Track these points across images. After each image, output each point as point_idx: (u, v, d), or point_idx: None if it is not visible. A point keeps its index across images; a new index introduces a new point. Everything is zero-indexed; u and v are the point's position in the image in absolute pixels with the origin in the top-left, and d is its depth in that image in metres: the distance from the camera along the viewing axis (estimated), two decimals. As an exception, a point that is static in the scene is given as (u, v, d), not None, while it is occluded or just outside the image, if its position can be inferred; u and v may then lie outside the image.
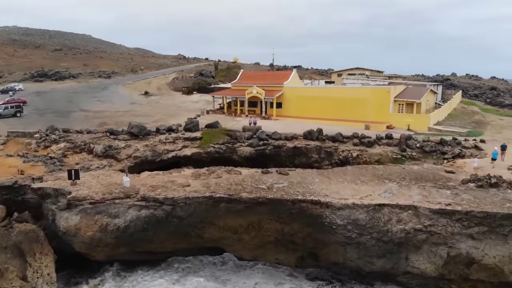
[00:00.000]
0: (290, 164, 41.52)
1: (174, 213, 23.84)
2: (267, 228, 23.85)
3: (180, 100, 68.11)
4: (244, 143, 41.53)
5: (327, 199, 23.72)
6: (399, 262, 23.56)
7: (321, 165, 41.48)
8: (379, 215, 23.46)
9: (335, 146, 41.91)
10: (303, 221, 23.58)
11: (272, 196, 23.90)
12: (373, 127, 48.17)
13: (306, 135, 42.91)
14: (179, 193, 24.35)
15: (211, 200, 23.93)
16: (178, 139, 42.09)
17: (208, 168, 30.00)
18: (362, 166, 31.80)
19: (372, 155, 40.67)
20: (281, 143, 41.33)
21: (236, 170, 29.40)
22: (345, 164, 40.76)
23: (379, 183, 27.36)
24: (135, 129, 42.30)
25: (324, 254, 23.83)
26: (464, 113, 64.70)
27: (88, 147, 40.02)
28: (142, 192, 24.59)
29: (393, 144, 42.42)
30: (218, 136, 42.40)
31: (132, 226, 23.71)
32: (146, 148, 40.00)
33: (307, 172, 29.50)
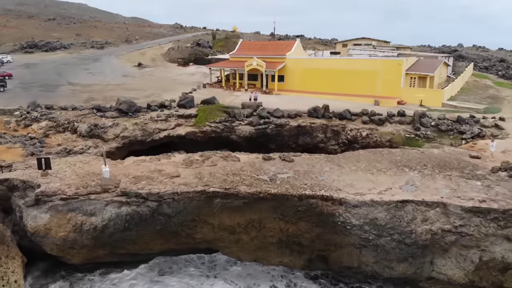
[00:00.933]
0: (293, 144, 37.54)
1: (160, 211, 20.02)
2: (269, 228, 20.08)
3: (175, 73, 63.33)
4: (243, 122, 37.33)
5: (340, 194, 19.84)
6: (423, 267, 19.96)
7: (327, 146, 37.50)
8: (402, 213, 19.64)
9: (343, 125, 37.75)
10: (311, 220, 19.79)
11: (275, 191, 20.01)
12: (383, 103, 43.85)
13: (311, 113, 38.66)
14: (166, 186, 20.44)
15: (203, 195, 20.05)
16: (171, 116, 37.86)
17: (202, 153, 25.96)
18: (376, 150, 27.75)
19: (383, 134, 36.58)
20: (283, 122, 37.13)
21: (233, 156, 25.39)
22: (353, 144, 36.80)
23: (398, 172, 23.41)
24: (124, 106, 38.01)
25: (336, 258, 20.18)
26: (477, 87, 60.06)
27: (72, 126, 35.88)
28: (123, 185, 20.67)
29: (405, 122, 38.25)
30: (215, 113, 38.15)
31: (111, 226, 19.94)
32: (136, 127, 35.84)
33: (314, 158, 25.48)
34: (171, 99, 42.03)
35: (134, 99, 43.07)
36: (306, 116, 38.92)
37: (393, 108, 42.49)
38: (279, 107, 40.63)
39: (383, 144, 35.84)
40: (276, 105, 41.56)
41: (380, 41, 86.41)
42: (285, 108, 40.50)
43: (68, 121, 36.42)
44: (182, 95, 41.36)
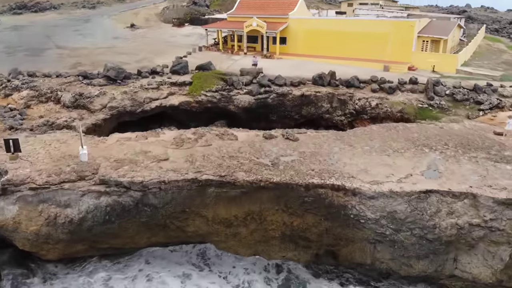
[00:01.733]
0: (296, 115, 34.17)
1: (146, 201, 17.10)
2: (271, 221, 17.25)
3: (169, 34, 58.65)
4: (242, 91, 33.75)
5: (353, 183, 16.84)
6: (445, 264, 17.31)
7: (333, 116, 34.17)
8: (424, 205, 16.73)
9: (350, 93, 34.18)
10: (320, 213, 16.92)
11: (278, 179, 16.99)
12: (393, 69, 39.99)
13: (316, 80, 34.99)
14: (152, 173, 17.39)
15: (195, 184, 17.05)
16: (163, 84, 34.19)
17: (195, 130, 22.69)
18: (390, 125, 24.47)
19: (393, 104, 33.13)
20: (286, 91, 33.56)
21: (230, 133, 22.16)
22: (361, 114, 33.45)
23: (418, 153, 20.30)
24: (112, 72, 34.25)
25: (347, 253, 17.48)
26: (490, 51, 55.70)
27: (55, 95, 32.38)
28: (103, 171, 17.62)
29: (418, 90, 34.63)
30: (211, 81, 34.48)
31: (89, 218, 17.10)
32: (125, 96, 32.29)
33: (321, 136, 22.26)
34: (163, 64, 38.15)
35: (124, 64, 39.23)
36: (311, 84, 35.27)
37: (403, 75, 38.74)
38: (281, 73, 36.89)
39: (394, 115, 32.53)
40: (278, 71, 37.79)
41: (388, 0, 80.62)
42: (287, 74, 36.78)
43: (51, 90, 32.79)
44: (175, 60, 37.51)
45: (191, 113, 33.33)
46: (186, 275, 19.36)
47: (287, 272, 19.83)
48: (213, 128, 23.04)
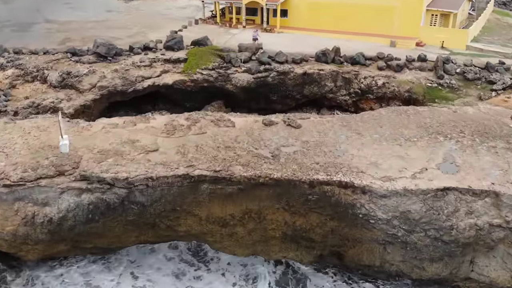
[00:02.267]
0: (298, 95, 31.91)
1: (132, 199, 15.27)
2: (271, 220, 15.47)
3: (165, 6, 55.22)
4: (240, 68, 31.34)
5: (363, 180, 14.95)
6: (461, 266, 15.66)
7: (337, 96, 31.94)
8: (441, 204, 14.90)
9: (355, 71, 31.81)
10: (325, 212, 15.12)
11: (279, 175, 15.09)
12: (400, 44, 37.32)
13: (319, 57, 32.49)
14: (139, 167, 15.46)
15: (186, 180, 15.16)
16: (157, 61, 31.70)
17: (188, 115, 20.54)
18: (400, 109, 22.28)
19: (401, 83, 30.85)
20: (287, 69, 31.14)
21: (227, 119, 20.04)
22: (367, 94, 31.24)
23: (432, 142, 18.30)
24: (102, 49, 31.71)
25: (353, 255, 15.78)
26: (499, 26, 52.47)
27: (42, 74, 30.02)
28: (84, 165, 15.69)
29: (427, 68, 32.23)
30: (207, 57, 31.98)
31: (71, 217, 15.31)
32: (115, 75, 29.92)
33: (326, 122, 20.15)
34: (157, 39, 35.47)
35: (116, 39, 36.55)
36: (313, 61, 32.78)
37: (411, 51, 36.16)
38: (281, 48, 34.31)
39: (401, 95, 30.33)
40: (278, 47, 35.18)
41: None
42: (288, 50, 34.22)
43: (38, 69, 30.35)
44: (169, 35, 34.84)
45: (186, 92, 31.09)
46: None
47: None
48: (208, 113, 20.91)
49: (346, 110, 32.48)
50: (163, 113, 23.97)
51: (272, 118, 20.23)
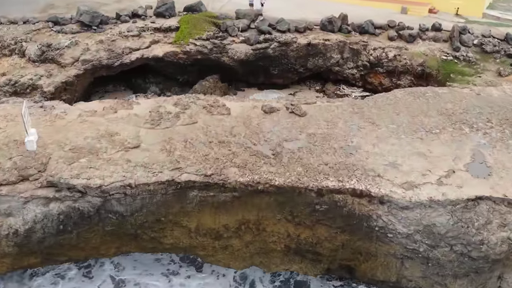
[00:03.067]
0: (301, 68, 28.61)
1: (109, 208, 12.77)
2: (272, 232, 12.99)
3: (158, -34, 50.40)
4: (237, 38, 27.85)
5: (381, 187, 12.34)
6: (487, 283, 13.40)
7: (343, 69, 28.69)
8: (471, 215, 12.42)
9: (364, 42, 28.37)
10: (335, 224, 12.63)
11: (281, 181, 12.47)
12: (411, 11, 33.54)
13: (325, 25, 28.89)
14: (116, 170, 12.80)
15: (171, 187, 12.57)
16: (146, 30, 28.10)
17: (177, 99, 17.52)
18: (416, 91, 19.20)
19: (414, 56, 27.53)
20: (289, 39, 27.64)
21: (222, 104, 17.08)
22: (376, 67, 28.00)
23: (456, 133, 15.51)
24: (86, 17, 27.99)
25: (366, 269, 13.46)
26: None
27: (20, 47, 26.57)
28: (52, 168, 13.00)
29: (442, 39, 28.78)
30: (201, 26, 28.38)
31: (39, 229, 12.86)
32: (100, 47, 26.44)
33: (335, 107, 17.18)
34: (147, 5, 31.56)
35: (102, 5, 32.67)
36: (318, 29, 29.22)
37: (424, 19, 32.48)
38: (282, 14, 30.60)
39: (414, 69, 27.12)
40: (280, 12, 31.46)
41: None
42: (291, 16, 30.52)
43: (16, 41, 26.87)
44: (160, 0, 30.98)
45: (179, 65, 27.78)
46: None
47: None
48: (200, 97, 17.87)
49: (353, 84, 29.40)
50: (149, 96, 20.80)
51: (273, 104, 17.25)
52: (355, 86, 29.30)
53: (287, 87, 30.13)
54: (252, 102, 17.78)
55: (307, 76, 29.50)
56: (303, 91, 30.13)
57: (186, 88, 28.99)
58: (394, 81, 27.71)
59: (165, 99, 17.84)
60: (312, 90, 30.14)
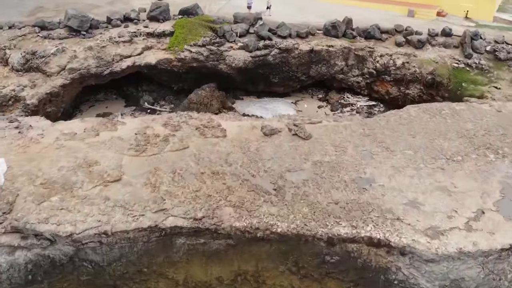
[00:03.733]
0: (303, 76, 26.51)
1: (83, 257, 10.78)
2: (273, 285, 10.97)
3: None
4: (236, 44, 25.73)
5: (402, 236, 10.27)
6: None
7: (348, 77, 26.59)
8: (504, 266, 10.43)
9: (370, 48, 26.25)
10: (348, 278, 10.57)
11: (284, 227, 10.45)
12: (419, 14, 31.37)
13: (328, 30, 26.73)
14: (91, 212, 10.75)
15: (154, 233, 10.58)
16: (138, 35, 25.92)
17: (167, 119, 15.48)
18: (432, 107, 17.04)
19: (423, 63, 25.44)
20: (290, 45, 25.51)
21: (216, 124, 14.97)
22: (383, 75, 25.91)
23: (481, 161, 13.42)
24: (74, 22, 25.76)
25: (381, 323, 11.56)
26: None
27: (3, 54, 24.43)
28: (19, 208, 10.98)
29: (452, 45, 26.67)
30: (197, 31, 26.21)
31: (4, 280, 10.88)
32: (89, 54, 24.31)
33: (343, 128, 15.09)
34: (140, 8, 29.37)
35: (93, 7, 30.54)
36: (321, 34, 27.04)
37: (432, 22, 30.36)
38: (283, 17, 28.52)
39: (424, 77, 25.03)
40: (281, 16, 29.36)
41: None
42: (292, 19, 28.39)
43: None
44: (154, 2, 28.75)
45: (173, 73, 25.68)
46: None
47: None
48: (192, 115, 15.78)
49: (358, 93, 27.31)
50: (136, 115, 18.49)
51: (274, 123, 15.18)
52: (360, 95, 27.22)
53: (288, 95, 28.07)
54: (250, 122, 15.70)
55: (309, 83, 27.42)
56: (305, 100, 28.05)
57: (182, 96, 26.90)
58: (402, 90, 25.63)
59: (154, 118, 15.74)
60: (315, 99, 28.06)
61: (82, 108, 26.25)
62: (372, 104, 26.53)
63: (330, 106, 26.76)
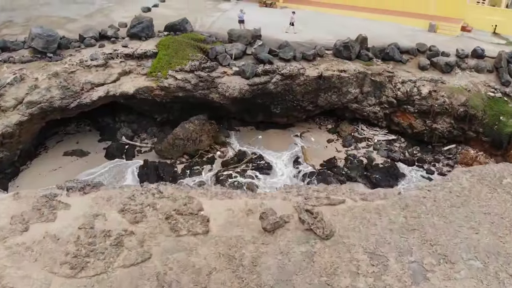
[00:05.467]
0: (310, 105, 21.55)
1: None
2: None
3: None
4: (230, 69, 20.77)
5: None
6: None
7: (363, 107, 21.68)
8: None
9: (389, 72, 21.30)
10: None
11: None
12: (441, 29, 26.30)
13: (340, 50, 21.70)
14: None
15: None
16: (114, 58, 20.86)
17: (128, 199, 10.57)
18: (488, 175, 12.06)
19: (453, 92, 20.51)
20: (295, 70, 20.52)
21: (196, 211, 10.15)
22: (405, 105, 21.02)
23: None
24: (39, 42, 20.61)
25: None
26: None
27: (-50, 81, 19.47)
28: None
29: (485, 69, 21.70)
30: (184, 52, 21.10)
31: None
32: (53, 82, 19.24)
33: (376, 215, 10.14)
34: (121, 23, 24.30)
35: (68, 21, 25.48)
36: (331, 55, 22.09)
37: (457, 39, 25.32)
38: (287, 35, 23.69)
39: (455, 109, 20.11)
40: (283, 32, 24.46)
41: None
42: (296, 38, 23.49)
43: None
44: (136, 17, 23.70)
45: (156, 102, 20.78)
46: None
47: None
48: (164, 191, 10.77)
49: (374, 124, 22.42)
50: (87, 189, 13.10)
51: (277, 203, 10.26)
52: (378, 127, 22.30)
53: (292, 125, 23.19)
54: (245, 201, 10.73)
55: (317, 113, 22.51)
56: (312, 131, 23.10)
57: (166, 128, 21.96)
58: (428, 124, 20.74)
59: (110, 196, 10.80)
60: (324, 130, 23.12)
61: (48, 144, 21.34)
62: (392, 139, 21.63)
63: (341, 140, 21.87)
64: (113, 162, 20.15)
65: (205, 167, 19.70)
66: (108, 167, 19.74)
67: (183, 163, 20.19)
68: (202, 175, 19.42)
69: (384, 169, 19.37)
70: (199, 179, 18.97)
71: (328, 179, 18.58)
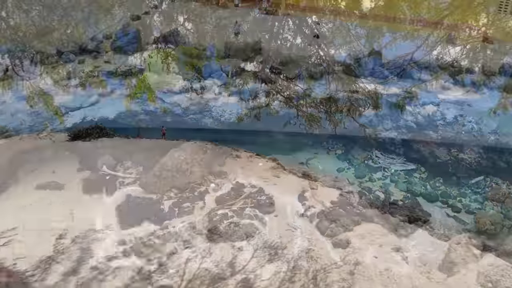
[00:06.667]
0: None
1: None
2: None
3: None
4: (226, 90, 17.72)
5: None
6: None
7: (377, 131, 18.67)
8: None
9: (408, 93, 18.32)
10: None
11: None
12: (461, 40, 23.21)
13: (351, 68, 18.71)
14: None
15: None
16: (94, 76, 17.94)
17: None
18: None
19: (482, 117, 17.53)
20: (300, 90, 17.53)
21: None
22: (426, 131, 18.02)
23: None
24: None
25: None
26: None
27: None
28: None
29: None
30: (174, 69, 18.13)
31: None
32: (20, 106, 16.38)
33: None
34: (106, 34, 21.17)
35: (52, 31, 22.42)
36: (341, 72, 19.07)
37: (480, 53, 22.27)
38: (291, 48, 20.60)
39: (485, 138, 17.11)
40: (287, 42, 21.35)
41: None
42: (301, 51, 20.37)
43: None
44: (121, 28, 20.54)
45: (140, 128, 17.69)
46: None
47: None
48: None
49: (390, 151, 19.32)
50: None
51: None
52: (394, 154, 19.21)
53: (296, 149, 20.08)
54: None
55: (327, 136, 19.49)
56: (319, 157, 20.01)
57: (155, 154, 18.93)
58: (453, 153, 17.69)
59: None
60: (332, 155, 19.92)
61: (19, 174, 18.20)
62: (411, 169, 18.53)
63: (353, 170, 18.77)
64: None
65: (196, 205, 16.55)
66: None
67: (171, 198, 17.03)
68: (193, 213, 16.26)
69: (406, 208, 16.31)
70: (189, 220, 15.82)
71: (341, 220, 15.50)
